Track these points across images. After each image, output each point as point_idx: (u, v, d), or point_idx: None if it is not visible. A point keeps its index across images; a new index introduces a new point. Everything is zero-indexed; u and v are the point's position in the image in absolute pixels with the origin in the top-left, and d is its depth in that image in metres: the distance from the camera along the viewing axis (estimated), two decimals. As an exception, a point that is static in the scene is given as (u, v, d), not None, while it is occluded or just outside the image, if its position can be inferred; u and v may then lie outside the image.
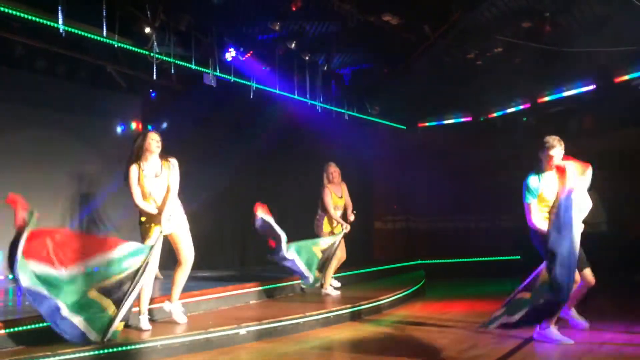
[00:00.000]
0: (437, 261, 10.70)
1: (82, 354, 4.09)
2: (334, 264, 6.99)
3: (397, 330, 5.66)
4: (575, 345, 4.62)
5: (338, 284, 7.32)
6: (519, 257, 10.52)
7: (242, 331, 5.00)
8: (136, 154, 4.75)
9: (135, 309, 4.71)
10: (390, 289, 7.26)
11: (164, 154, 4.85)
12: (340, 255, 7.02)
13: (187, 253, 4.95)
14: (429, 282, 8.96)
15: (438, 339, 5.08)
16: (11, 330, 4.22)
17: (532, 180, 4.78)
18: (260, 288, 6.67)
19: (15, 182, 7.34)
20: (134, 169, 4.72)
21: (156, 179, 4.77)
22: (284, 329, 5.28)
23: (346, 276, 7.77)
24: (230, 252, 9.60)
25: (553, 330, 4.70)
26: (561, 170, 4.69)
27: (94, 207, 8.27)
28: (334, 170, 7.03)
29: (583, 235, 4.75)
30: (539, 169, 4.83)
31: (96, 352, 4.15)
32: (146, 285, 4.71)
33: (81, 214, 8.14)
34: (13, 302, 5.78)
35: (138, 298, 4.66)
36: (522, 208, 4.90)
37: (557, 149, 4.70)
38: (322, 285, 6.91)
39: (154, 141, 4.75)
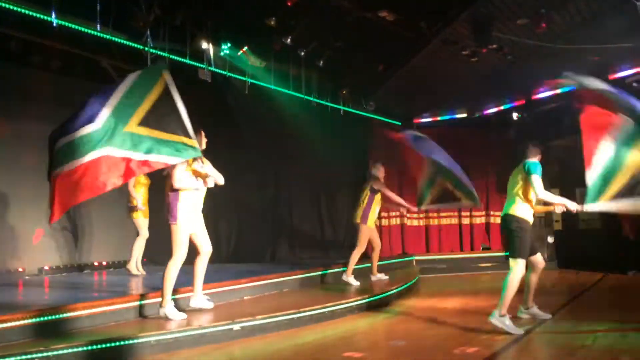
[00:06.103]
0: (431, 257, 10.73)
1: (75, 350, 4.11)
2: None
3: (391, 327, 5.68)
4: (569, 341, 4.67)
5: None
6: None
7: (236, 327, 5.00)
8: None
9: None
10: (385, 285, 7.27)
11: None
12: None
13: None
14: (423, 278, 8.99)
15: (431, 335, 5.11)
16: (4, 325, 4.22)
17: None
18: (256, 284, 6.69)
19: (8, 178, 7.32)
20: None
21: None
22: (278, 324, 5.29)
23: (341, 272, 7.77)
24: (226, 246, 9.59)
25: (506, 320, 4.96)
26: None
27: (87, 202, 8.22)
28: None
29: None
30: None
31: (90, 348, 4.16)
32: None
33: (74, 208, 8.09)
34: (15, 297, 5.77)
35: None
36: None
37: None
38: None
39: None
